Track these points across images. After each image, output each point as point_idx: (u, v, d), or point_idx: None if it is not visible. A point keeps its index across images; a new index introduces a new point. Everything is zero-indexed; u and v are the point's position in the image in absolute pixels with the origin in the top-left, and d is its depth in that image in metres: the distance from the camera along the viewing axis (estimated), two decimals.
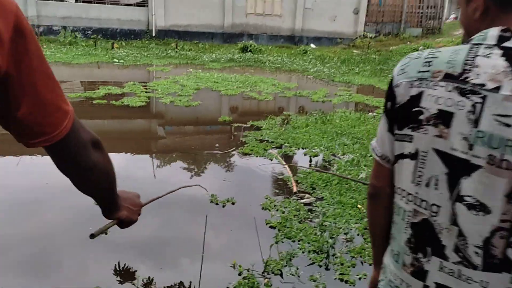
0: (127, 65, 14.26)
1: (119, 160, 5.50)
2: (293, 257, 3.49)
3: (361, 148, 6.32)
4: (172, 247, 3.68)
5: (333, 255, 3.56)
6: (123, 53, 16.42)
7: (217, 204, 4.38)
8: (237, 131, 7.23)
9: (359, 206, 4.43)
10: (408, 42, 22.81)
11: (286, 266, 3.39)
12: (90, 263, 3.39)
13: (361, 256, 3.55)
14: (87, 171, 1.01)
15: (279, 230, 3.91)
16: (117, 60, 14.71)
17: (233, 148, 6.31)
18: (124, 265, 3.33)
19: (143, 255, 3.50)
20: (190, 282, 3.17)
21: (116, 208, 1.22)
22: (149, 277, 3.21)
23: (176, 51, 17.91)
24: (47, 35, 18.79)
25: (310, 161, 5.89)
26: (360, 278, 3.27)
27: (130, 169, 5.33)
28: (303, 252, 3.57)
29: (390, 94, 1.15)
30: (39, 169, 5.11)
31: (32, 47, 0.82)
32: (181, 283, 3.19)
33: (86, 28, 19.65)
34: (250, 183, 5.14)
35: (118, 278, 3.22)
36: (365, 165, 5.55)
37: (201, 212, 4.16)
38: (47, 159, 1.00)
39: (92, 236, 1.09)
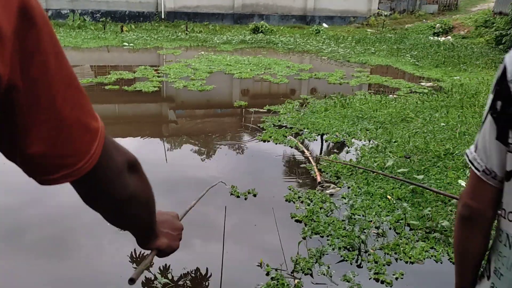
0: (137, 49, 13.99)
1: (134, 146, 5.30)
2: (323, 254, 3.28)
3: (385, 133, 6.03)
4: (189, 244, 3.49)
5: (366, 251, 3.33)
6: (132, 36, 16.13)
7: (238, 196, 4.17)
8: (254, 117, 6.97)
9: (388, 197, 4.18)
10: (424, 20, 22.14)
11: (316, 263, 3.18)
12: (105, 244, 3.38)
13: (395, 253, 3.32)
14: (124, 203, 0.77)
15: (305, 224, 3.69)
16: (127, 44, 14.44)
17: (253, 138, 6.07)
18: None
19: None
20: (211, 283, 2.98)
21: (155, 236, 0.97)
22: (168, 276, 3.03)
23: (186, 33, 17.57)
24: (55, 19, 18.53)
25: (330, 147, 5.64)
26: (397, 278, 3.05)
27: (144, 154, 5.13)
28: (333, 249, 3.35)
29: (501, 90, 0.88)
30: None
31: (47, 42, 0.56)
32: (202, 284, 3.00)
33: (94, 11, 19.34)
34: (270, 173, 4.90)
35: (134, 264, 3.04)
36: (390, 152, 5.28)
37: (220, 206, 3.95)
38: None
39: (132, 281, 0.85)
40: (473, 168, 0.97)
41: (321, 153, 5.55)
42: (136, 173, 0.79)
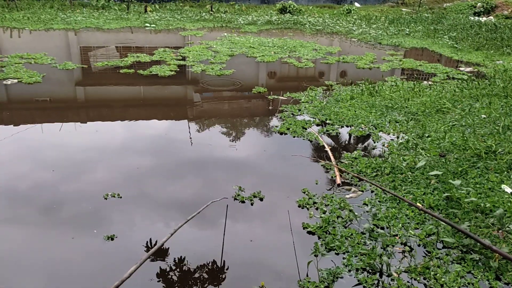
0: (159, 30, 13.56)
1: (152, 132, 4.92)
2: (337, 278, 2.77)
3: (417, 126, 5.40)
4: (182, 264, 3.05)
5: (388, 275, 2.81)
6: (155, 17, 15.71)
7: (242, 202, 3.68)
8: (272, 105, 6.43)
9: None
10: None
11: None
12: (138, 220, 3.43)
13: (424, 278, 2.78)
14: None
15: (319, 238, 3.19)
16: (148, 25, 14.03)
17: (269, 130, 5.55)
18: None
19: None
20: None
21: None
22: None
23: (211, 14, 17.01)
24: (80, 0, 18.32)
25: (354, 142, 5.07)
26: None
27: (164, 145, 4.72)
28: (349, 270, 2.84)
29: None
30: (77, 134, 5.10)
31: None
32: None
33: None
34: (284, 171, 4.37)
35: None
36: (422, 149, 4.66)
37: (220, 216, 3.48)
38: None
39: None
40: None
41: (342, 148, 4.98)
42: None
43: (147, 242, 3.10)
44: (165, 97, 7.00)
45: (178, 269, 2.87)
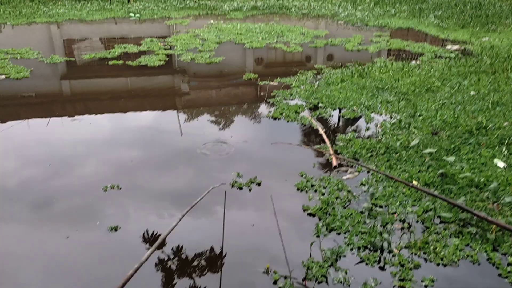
0: (144, 20, 13.40)
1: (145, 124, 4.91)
2: (339, 257, 2.84)
3: (408, 106, 5.46)
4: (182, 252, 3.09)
5: (389, 251, 2.88)
6: (139, 6, 15.49)
7: (240, 188, 3.71)
8: (264, 91, 6.44)
9: (414, 182, 3.68)
10: None
11: (331, 267, 2.75)
12: (131, 213, 3.41)
13: (424, 253, 2.86)
14: None
15: (319, 219, 3.25)
16: (133, 15, 13.85)
17: (262, 115, 5.58)
18: None
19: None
20: None
21: None
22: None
23: (195, 1, 16.83)
24: None
25: (347, 124, 5.12)
26: (426, 286, 2.59)
27: (156, 136, 4.72)
28: (351, 249, 2.91)
29: None
30: (66, 129, 5.06)
31: None
32: None
33: None
34: (280, 156, 4.41)
35: None
36: (415, 128, 4.73)
37: (219, 202, 3.52)
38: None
39: None
40: None
41: (336, 130, 5.03)
42: None
43: (143, 233, 3.12)
44: (156, 87, 6.97)
45: (179, 258, 2.91)
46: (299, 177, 3.85)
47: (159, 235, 3.07)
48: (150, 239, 3.07)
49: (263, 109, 5.73)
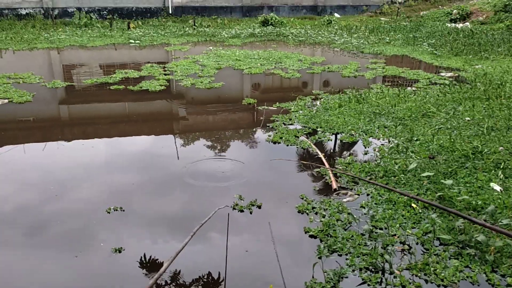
0: (144, 46, 13.65)
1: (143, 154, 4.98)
2: (342, 278, 2.88)
3: (405, 130, 5.58)
4: (185, 279, 3.12)
5: (390, 273, 2.92)
6: (139, 33, 15.79)
7: (241, 211, 3.76)
8: (264, 115, 6.56)
9: (413, 205, 3.75)
10: (440, 6, 21.35)
11: (334, 287, 2.79)
12: (125, 238, 3.40)
13: (425, 274, 2.90)
14: None
15: (321, 241, 3.29)
16: (133, 41, 14.11)
17: (262, 139, 5.67)
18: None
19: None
20: None
21: None
22: None
23: (194, 28, 17.17)
24: (62, 18, 18.33)
25: (345, 147, 5.21)
26: None
27: (155, 165, 4.78)
28: (353, 271, 2.95)
29: None
30: (63, 152, 5.13)
31: None
32: None
33: (101, 8, 19.06)
34: (280, 179, 4.49)
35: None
36: (412, 152, 4.83)
37: (221, 227, 3.57)
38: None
39: None
40: None
41: (335, 154, 5.12)
42: None
43: (141, 257, 3.13)
44: (157, 112, 7.08)
45: (181, 282, 2.94)
46: (299, 200, 3.92)
47: (158, 259, 3.10)
48: (148, 263, 3.09)
49: (263, 133, 5.83)
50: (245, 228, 3.55)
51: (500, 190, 3.88)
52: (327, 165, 4.62)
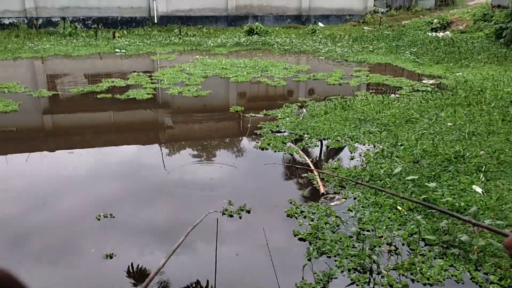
0: (130, 55, 13.66)
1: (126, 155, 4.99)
2: (331, 278, 2.95)
3: (389, 136, 5.71)
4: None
5: (378, 273, 3.00)
6: (125, 42, 15.79)
7: (231, 216, 3.82)
8: (251, 123, 6.64)
9: (399, 207, 3.85)
10: (421, 16, 21.83)
11: None
12: (109, 250, 3.27)
13: (411, 274, 2.99)
14: None
15: (310, 243, 3.36)
16: (118, 50, 14.10)
17: (250, 146, 5.74)
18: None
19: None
20: None
21: None
22: None
23: (180, 37, 17.24)
24: (46, 27, 18.22)
25: (332, 153, 5.31)
26: None
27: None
28: (342, 271, 3.02)
29: None
30: (47, 164, 4.97)
31: None
32: None
33: (86, 17, 19.01)
34: (269, 184, 4.56)
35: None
36: (397, 156, 4.95)
37: (211, 233, 3.61)
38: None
39: None
40: None
41: (322, 160, 5.22)
42: None
43: (128, 266, 3.13)
44: (145, 120, 7.10)
45: None
46: (288, 204, 3.98)
47: (145, 267, 3.13)
48: (136, 273, 3.10)
49: (251, 140, 5.90)
50: (235, 233, 3.60)
51: (482, 192, 4.01)
52: (314, 170, 4.70)
